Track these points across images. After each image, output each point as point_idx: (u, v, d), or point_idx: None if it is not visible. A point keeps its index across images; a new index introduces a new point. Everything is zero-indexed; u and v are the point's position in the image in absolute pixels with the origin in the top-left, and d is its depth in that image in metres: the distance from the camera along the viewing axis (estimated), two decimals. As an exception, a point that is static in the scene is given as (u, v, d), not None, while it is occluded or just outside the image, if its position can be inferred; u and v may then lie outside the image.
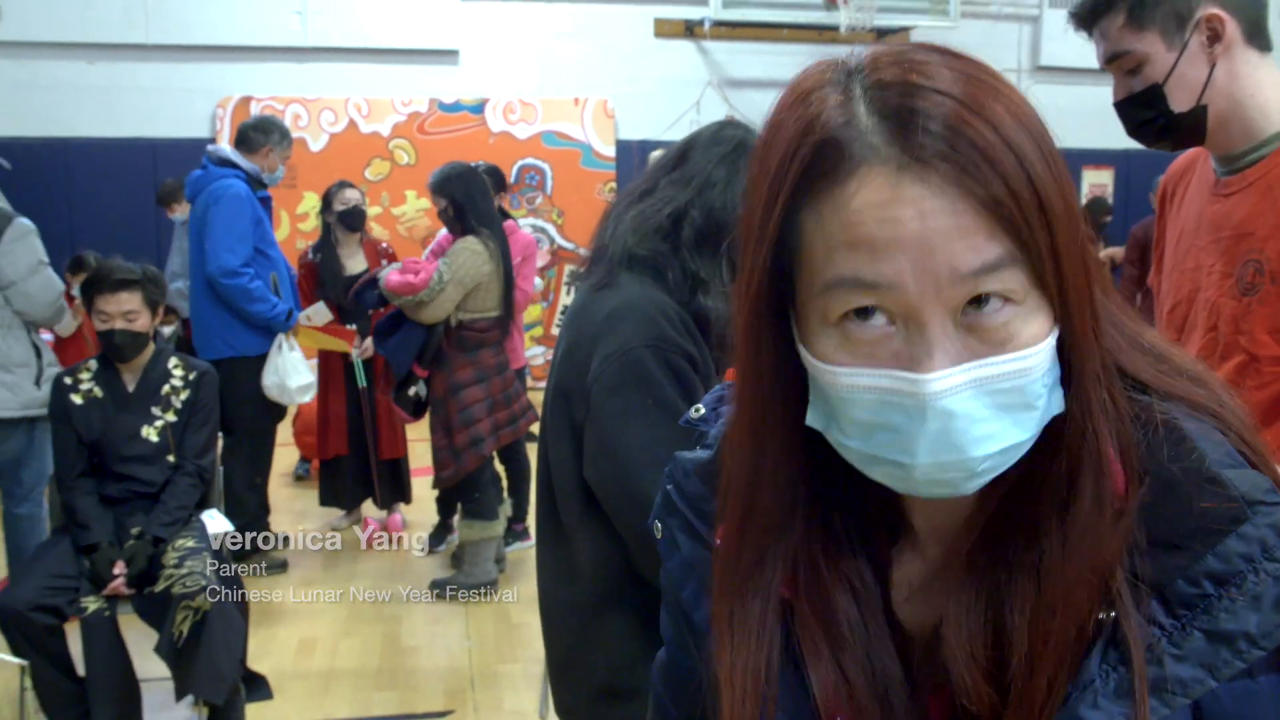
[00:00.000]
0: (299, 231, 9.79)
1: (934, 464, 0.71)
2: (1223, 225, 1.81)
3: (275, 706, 3.83)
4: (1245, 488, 0.71)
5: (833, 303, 0.71)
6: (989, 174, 0.68)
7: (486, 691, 3.98)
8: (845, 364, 0.72)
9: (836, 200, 0.70)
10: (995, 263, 0.68)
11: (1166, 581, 0.71)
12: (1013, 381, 0.70)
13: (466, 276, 4.60)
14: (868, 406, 0.72)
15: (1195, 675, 0.69)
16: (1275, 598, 0.69)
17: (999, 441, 0.71)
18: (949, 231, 0.68)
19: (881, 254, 0.68)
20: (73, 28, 9.39)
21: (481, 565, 4.88)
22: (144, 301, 3.59)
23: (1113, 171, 11.72)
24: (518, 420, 4.83)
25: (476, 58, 10.28)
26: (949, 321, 0.69)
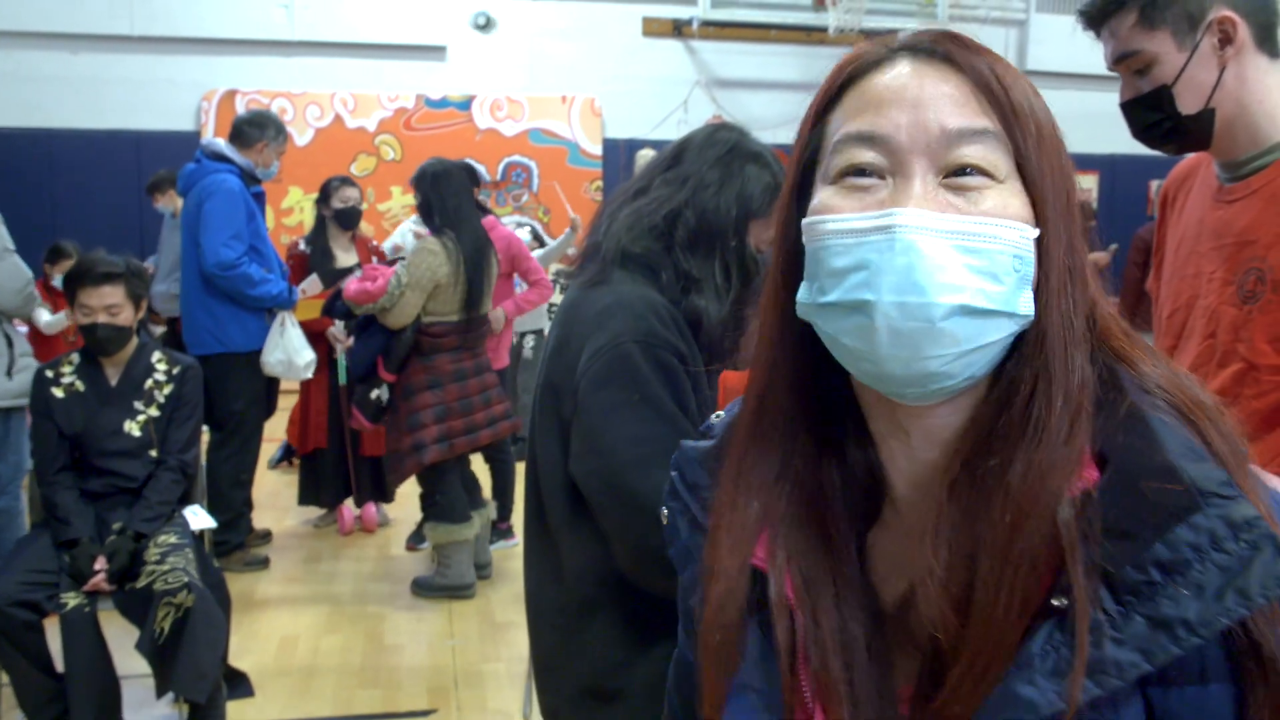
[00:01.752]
0: (284, 226, 9.76)
1: (897, 304, 0.75)
2: (1224, 232, 1.80)
3: (257, 704, 3.81)
4: (1199, 479, 0.73)
5: (838, 159, 0.81)
6: (986, 72, 0.81)
7: (470, 690, 3.96)
8: (834, 211, 0.80)
9: (860, 87, 0.83)
10: (980, 130, 0.79)
11: (1115, 568, 0.72)
12: (982, 243, 0.76)
13: (424, 279, 4.49)
14: (845, 250, 0.78)
15: (1132, 659, 0.71)
16: (1219, 588, 0.70)
17: (961, 295, 0.74)
18: (943, 97, 0.80)
19: (883, 111, 0.80)
20: (57, 18, 9.34)
21: (455, 568, 4.83)
22: (127, 295, 3.54)
23: (1097, 177, 11.76)
24: (477, 430, 4.69)
25: (464, 54, 10.25)
26: (932, 176, 0.78)
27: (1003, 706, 0.73)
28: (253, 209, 5.12)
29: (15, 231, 4.36)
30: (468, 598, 4.82)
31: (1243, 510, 0.72)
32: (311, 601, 4.83)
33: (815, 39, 10.27)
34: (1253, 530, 0.71)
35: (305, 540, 5.67)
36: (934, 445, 0.83)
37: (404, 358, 4.62)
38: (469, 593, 4.84)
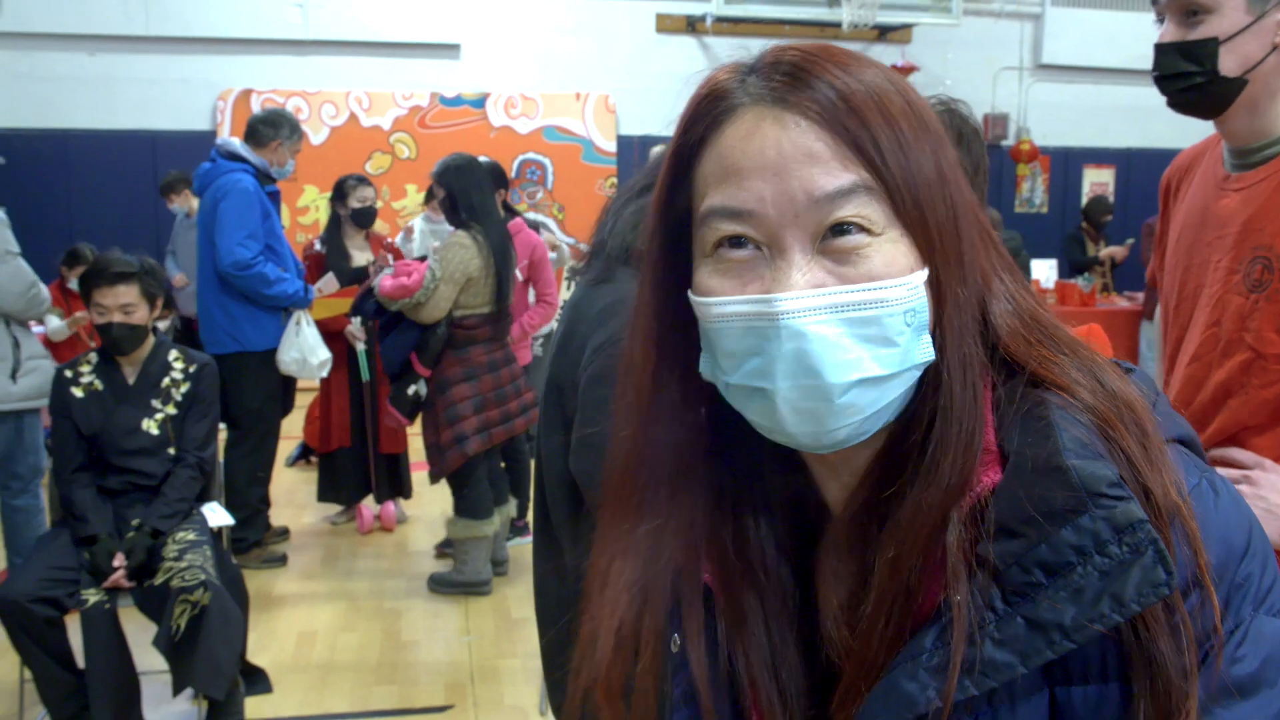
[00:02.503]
0: (299, 225, 9.78)
1: (794, 388, 0.74)
2: (1230, 221, 1.79)
3: (274, 700, 3.82)
4: (1089, 479, 0.72)
5: (708, 233, 0.78)
6: (842, 110, 0.75)
7: (486, 686, 3.97)
8: (719, 292, 0.77)
9: (717, 143, 0.79)
10: (849, 188, 0.74)
11: (1004, 567, 0.72)
12: (870, 310, 0.74)
13: (457, 273, 4.52)
14: (735, 335, 0.76)
15: (1008, 660, 0.71)
16: (1096, 592, 0.70)
17: (856, 370, 0.74)
18: (804, 159, 0.74)
19: (745, 182, 0.76)
20: (72, 19, 9.38)
21: (472, 565, 4.85)
22: (141, 294, 3.56)
23: (1114, 170, 11.71)
24: (512, 419, 4.75)
25: (478, 52, 10.26)
26: (809, 247, 0.75)
27: (885, 699, 0.74)
28: (268, 208, 5.13)
29: (31, 231, 4.39)
30: (484, 594, 4.84)
31: (1127, 513, 0.71)
32: (329, 598, 4.84)
33: (829, 34, 10.24)
34: (1135, 534, 0.70)
35: (323, 537, 5.69)
36: (858, 474, 0.85)
37: (439, 352, 4.65)
38: (485, 589, 4.85)
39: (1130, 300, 8.77)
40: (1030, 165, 11.38)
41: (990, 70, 10.96)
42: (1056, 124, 11.28)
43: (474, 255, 4.55)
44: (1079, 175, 11.68)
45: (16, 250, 4.30)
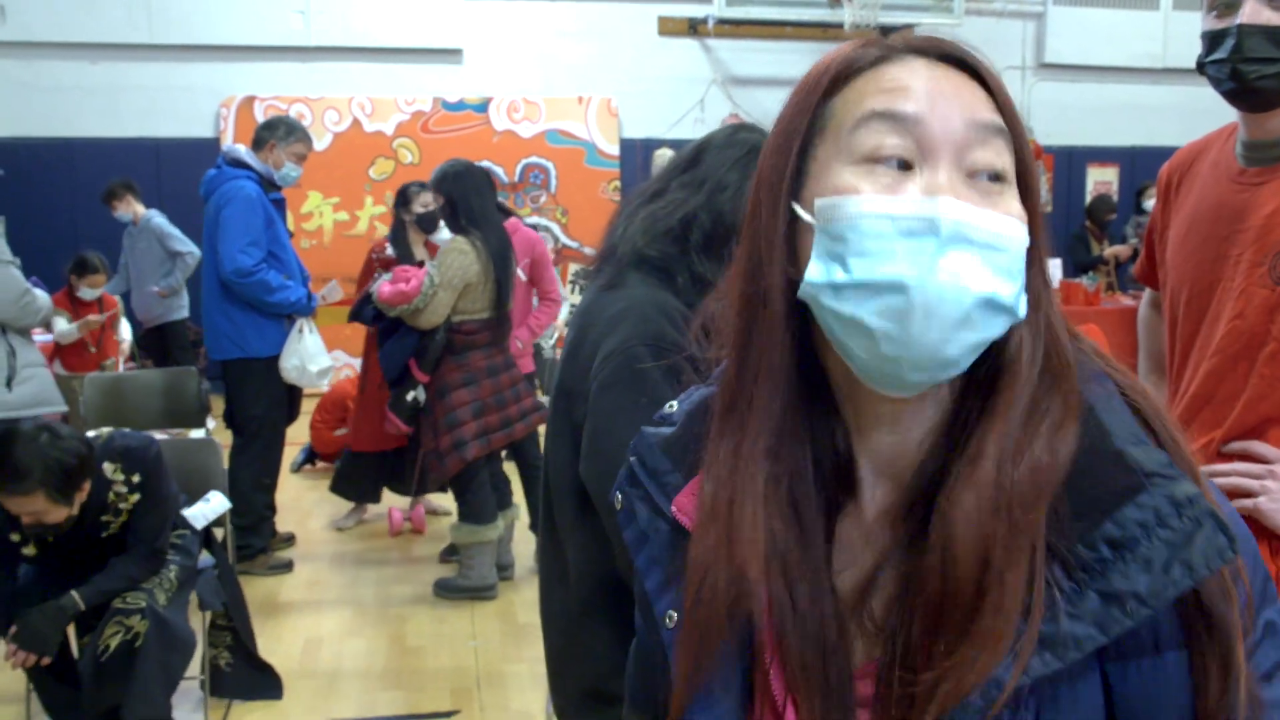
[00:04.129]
0: (303, 231, 9.79)
1: (937, 290, 0.76)
2: (1250, 215, 1.78)
3: (281, 706, 3.82)
4: (1144, 461, 0.78)
5: (863, 137, 0.81)
6: (994, 77, 0.84)
7: (492, 691, 3.97)
8: (863, 193, 0.79)
9: (873, 75, 0.84)
10: (999, 127, 0.81)
11: (1068, 546, 0.77)
12: (1004, 243, 0.78)
13: (455, 278, 4.52)
14: (880, 233, 0.78)
15: (1088, 633, 0.74)
16: (1165, 561, 0.74)
17: (988, 287, 0.77)
18: (963, 95, 0.82)
19: (910, 93, 0.81)
20: (75, 28, 9.40)
21: (477, 570, 4.85)
22: (48, 499, 2.97)
23: (1118, 169, 11.69)
24: (512, 424, 4.72)
25: (480, 56, 10.27)
26: (957, 172, 0.79)
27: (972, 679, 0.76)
28: (271, 215, 5.13)
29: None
30: (490, 599, 4.83)
31: (1185, 489, 0.76)
32: (335, 604, 4.85)
33: (831, 35, 10.23)
34: (1194, 507, 0.76)
35: (328, 543, 5.69)
36: (910, 436, 0.86)
37: (437, 358, 4.64)
38: (491, 594, 4.85)
39: (1135, 299, 8.76)
40: (1034, 164, 11.35)
41: (993, 70, 10.95)
42: (1060, 123, 11.26)
43: (473, 261, 4.55)
44: (1083, 174, 11.66)
45: (8, 259, 4.28)
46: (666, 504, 0.95)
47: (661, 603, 0.93)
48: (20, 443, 2.93)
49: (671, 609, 0.92)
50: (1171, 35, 11.04)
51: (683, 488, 0.95)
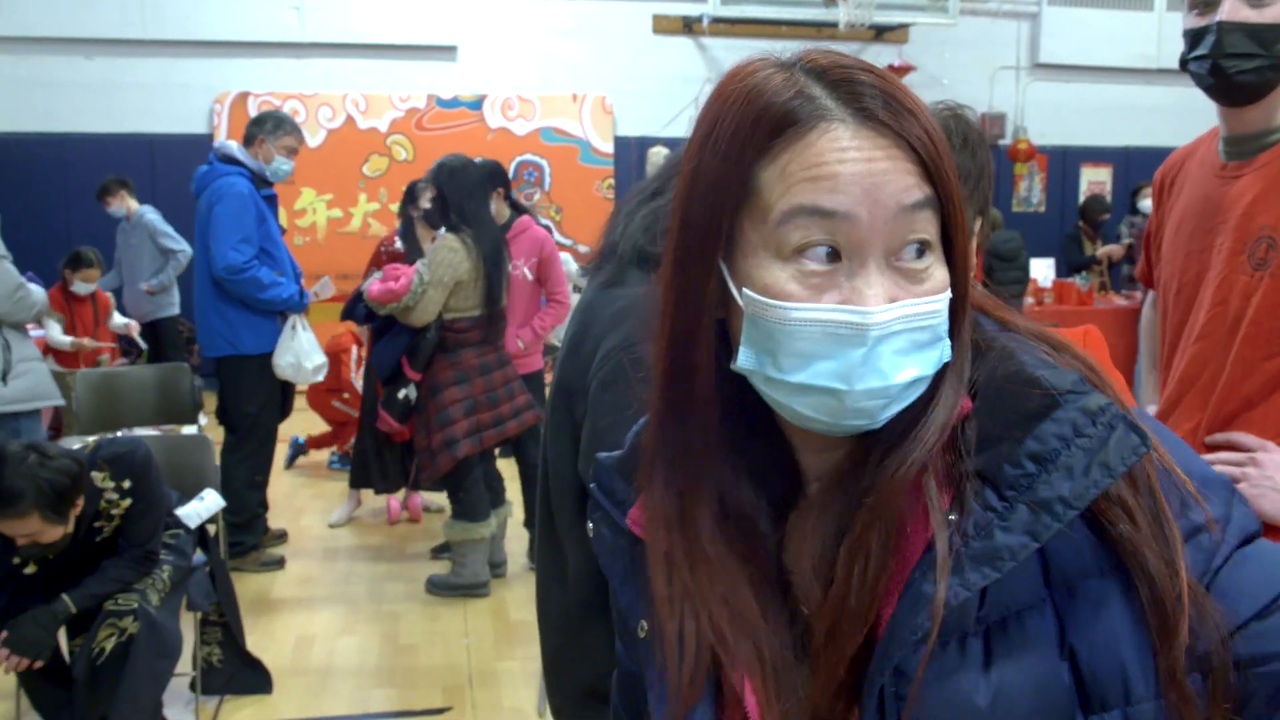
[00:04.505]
0: (296, 228, 9.78)
1: (864, 391, 0.80)
2: (1232, 206, 1.85)
3: (272, 703, 3.82)
4: (1057, 381, 0.83)
5: (790, 232, 0.81)
6: (916, 128, 0.81)
7: (485, 689, 3.97)
8: (796, 298, 0.81)
9: (798, 148, 0.81)
10: (925, 202, 0.81)
11: (995, 469, 0.81)
12: (928, 320, 0.81)
13: (446, 276, 4.51)
14: (811, 338, 0.81)
15: (1021, 541, 0.78)
16: (1085, 465, 0.79)
17: (913, 372, 0.81)
18: (893, 172, 0.80)
19: (840, 187, 0.79)
20: (70, 23, 9.38)
21: (470, 567, 4.85)
22: (43, 521, 2.95)
23: (1111, 169, 11.71)
24: (504, 421, 4.72)
25: (475, 54, 10.26)
26: (883, 261, 0.80)
27: (915, 607, 0.79)
28: (263, 212, 5.12)
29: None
30: (482, 596, 4.84)
31: (1096, 400, 0.81)
32: (327, 601, 4.84)
33: (826, 35, 10.24)
34: (1106, 414, 0.81)
35: (321, 540, 5.69)
36: (844, 443, 0.89)
37: (429, 356, 4.64)
38: (484, 591, 4.85)
39: (1128, 299, 8.78)
40: (1027, 164, 11.38)
41: (987, 70, 10.96)
42: (1054, 123, 11.28)
43: (463, 258, 4.54)
44: (1076, 174, 11.68)
45: (2, 253, 4.28)
46: (623, 520, 0.99)
47: (635, 615, 0.97)
48: (10, 466, 2.88)
49: (644, 619, 0.95)
50: (1166, 36, 11.06)
51: (635, 501, 0.98)
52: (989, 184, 1.54)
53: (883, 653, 0.81)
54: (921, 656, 0.79)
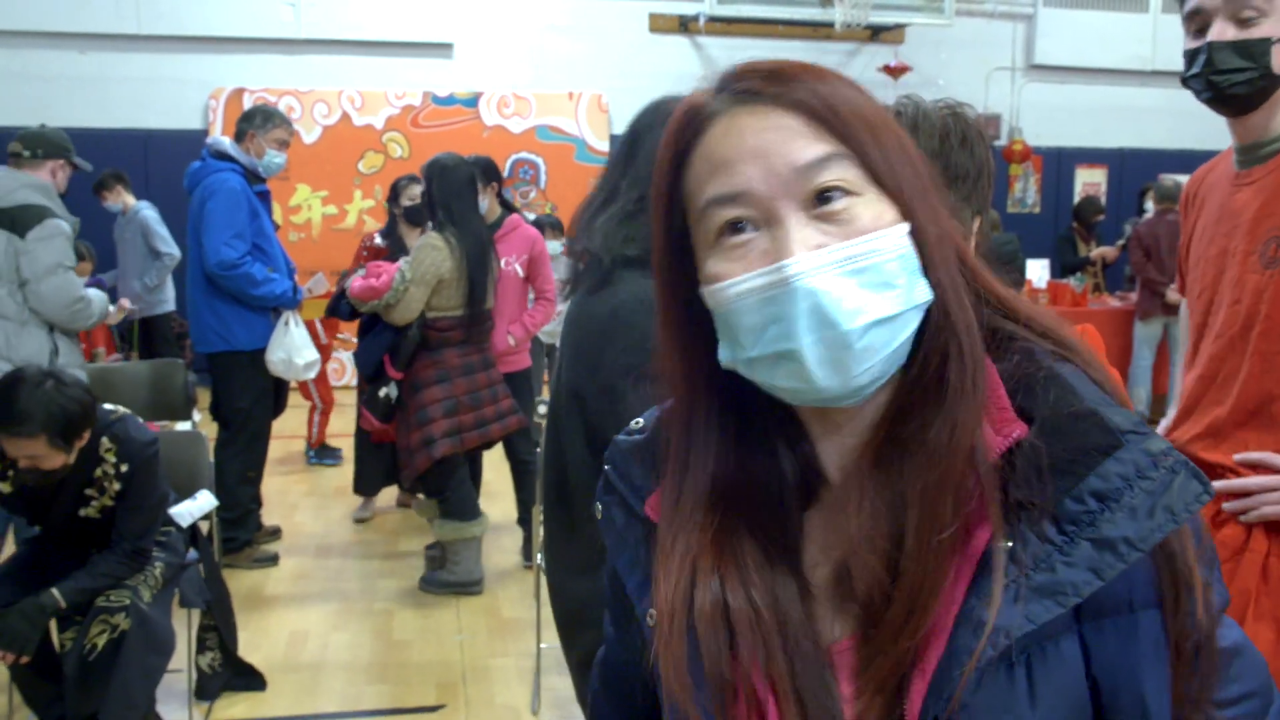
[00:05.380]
0: (291, 224, 9.77)
1: (816, 341, 0.81)
2: (1244, 211, 1.95)
3: (266, 699, 3.82)
4: (1119, 421, 0.84)
5: (708, 223, 0.86)
6: (804, 94, 0.85)
7: (478, 686, 3.97)
8: (728, 276, 0.84)
9: (700, 148, 0.88)
10: (825, 157, 0.83)
11: (1056, 502, 0.82)
12: (867, 260, 0.82)
13: (428, 274, 4.50)
14: (752, 309, 0.83)
15: (1085, 578, 0.79)
16: (1149, 508, 0.80)
17: (868, 314, 0.81)
18: (781, 139, 0.84)
19: (734, 167, 0.84)
20: (64, 17, 9.36)
21: (463, 565, 4.85)
22: (49, 445, 3.00)
23: (1105, 170, 11.73)
24: (488, 424, 4.70)
25: (471, 51, 10.25)
26: (801, 214, 0.83)
27: (976, 632, 0.80)
28: (256, 207, 5.12)
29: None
30: (475, 594, 4.83)
31: (1157, 444, 0.83)
32: (320, 598, 4.84)
33: (822, 34, 10.25)
34: (1169, 458, 0.82)
35: (314, 537, 5.68)
36: (863, 429, 0.90)
37: (411, 354, 4.63)
38: (477, 589, 4.85)
39: (1122, 300, 8.79)
40: (1023, 165, 11.40)
41: (983, 70, 10.98)
42: (1049, 124, 11.29)
43: (445, 257, 4.54)
44: (1071, 175, 11.70)
45: (69, 263, 4.32)
46: (640, 505, 0.99)
47: (644, 602, 0.96)
48: (26, 387, 2.96)
49: (653, 608, 0.95)
50: (1160, 38, 11.08)
51: (655, 490, 0.98)
52: (989, 183, 1.55)
53: (941, 676, 0.81)
54: (975, 681, 0.80)
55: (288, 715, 3.73)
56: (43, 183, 4.48)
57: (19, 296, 4.22)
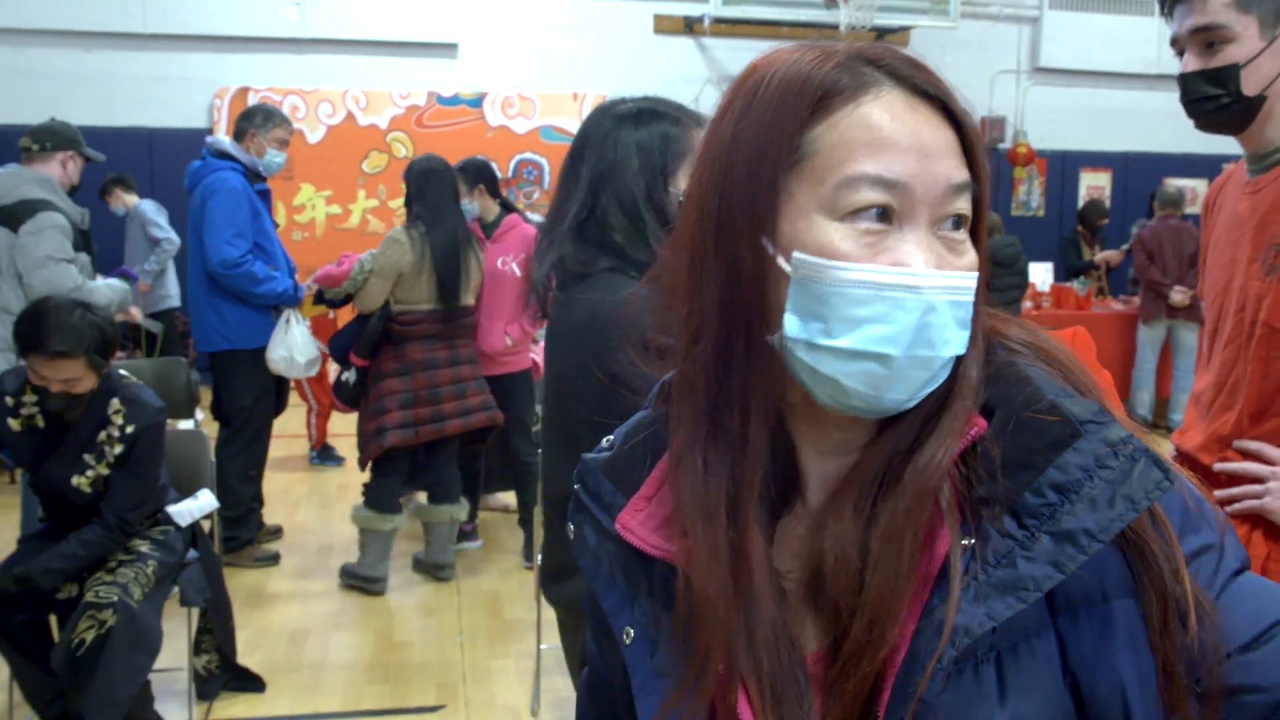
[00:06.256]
0: (295, 224, 9.77)
1: (912, 358, 0.81)
2: (1249, 219, 1.99)
3: (266, 698, 3.82)
4: (1078, 410, 0.83)
5: (850, 196, 0.82)
6: (961, 113, 0.85)
7: (478, 686, 3.97)
8: (851, 258, 0.81)
9: (854, 112, 0.83)
10: (965, 184, 0.84)
11: (1016, 496, 0.81)
12: (966, 296, 0.83)
13: (387, 267, 4.63)
14: (863, 300, 0.81)
15: (1045, 572, 0.78)
16: (1109, 498, 0.79)
17: (954, 347, 0.83)
18: (944, 149, 0.83)
19: (899, 155, 0.81)
20: (70, 15, 9.36)
21: (368, 559, 4.89)
22: (87, 366, 3.13)
23: (1110, 174, 11.71)
24: (444, 419, 4.74)
25: (475, 51, 10.26)
26: (929, 229, 0.82)
27: (938, 632, 0.79)
28: (257, 206, 5.13)
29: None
30: (376, 594, 4.85)
31: (1117, 431, 0.81)
32: (321, 597, 4.84)
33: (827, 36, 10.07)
34: (1128, 446, 0.80)
35: (316, 536, 5.68)
36: (854, 448, 0.90)
37: (374, 344, 4.75)
38: (377, 588, 4.87)
39: (1125, 304, 8.78)
40: (1027, 168, 11.38)
41: (988, 73, 10.97)
42: (1053, 127, 11.28)
43: (406, 252, 4.64)
44: (1075, 179, 11.69)
45: (61, 256, 4.33)
46: (610, 523, 0.96)
47: (620, 620, 0.95)
48: (59, 313, 3.10)
49: (629, 626, 0.94)
50: (1166, 42, 11.04)
51: (624, 506, 0.96)
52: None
53: (905, 678, 0.80)
54: (940, 681, 0.79)
55: (288, 715, 3.74)
56: (46, 177, 4.51)
57: (20, 291, 4.23)
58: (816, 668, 0.87)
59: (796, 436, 0.91)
